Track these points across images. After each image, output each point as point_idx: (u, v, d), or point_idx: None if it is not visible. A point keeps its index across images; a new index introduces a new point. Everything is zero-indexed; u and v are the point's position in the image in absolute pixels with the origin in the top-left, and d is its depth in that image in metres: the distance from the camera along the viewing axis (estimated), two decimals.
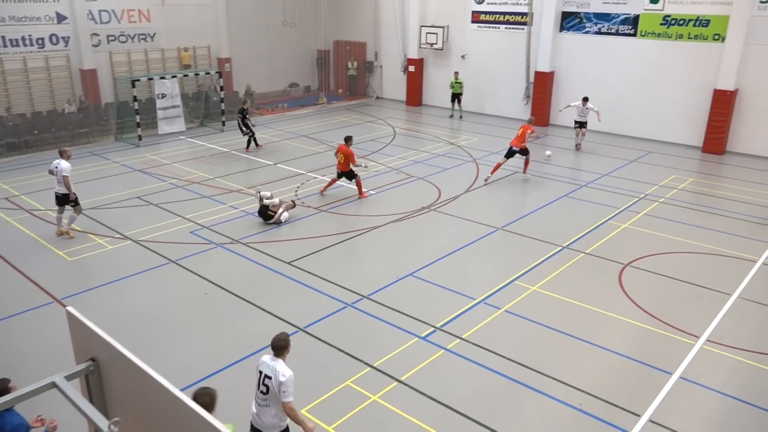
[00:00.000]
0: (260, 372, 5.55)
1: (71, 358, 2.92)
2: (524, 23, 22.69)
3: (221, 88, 21.85)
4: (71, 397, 2.57)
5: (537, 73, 22.50)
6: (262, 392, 5.51)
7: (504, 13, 23.42)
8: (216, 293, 9.97)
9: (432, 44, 25.02)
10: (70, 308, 2.88)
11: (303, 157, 18.15)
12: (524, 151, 15.89)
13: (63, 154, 11.76)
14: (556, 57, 22.33)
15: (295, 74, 28.67)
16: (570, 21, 21.79)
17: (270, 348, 5.65)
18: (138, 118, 19.51)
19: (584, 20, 21.46)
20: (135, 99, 19.39)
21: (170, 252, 11.47)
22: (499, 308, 9.57)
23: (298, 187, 15.27)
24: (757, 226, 13.09)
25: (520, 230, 12.72)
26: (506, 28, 23.46)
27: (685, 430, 6.93)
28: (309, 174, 16.44)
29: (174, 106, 21.03)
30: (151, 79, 20.77)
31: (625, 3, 20.44)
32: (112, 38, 22.09)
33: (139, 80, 19.92)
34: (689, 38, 19.42)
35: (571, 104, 19.38)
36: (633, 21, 20.40)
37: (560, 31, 22.04)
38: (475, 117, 24.10)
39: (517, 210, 13.73)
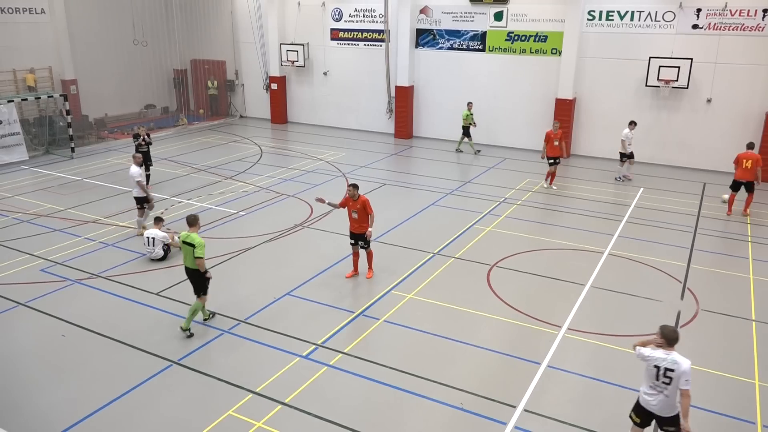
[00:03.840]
0: (656, 367, 6.14)
1: None
2: (381, 40, 23.42)
3: (68, 112, 20.29)
4: None
5: (397, 88, 23.27)
6: (664, 383, 6.13)
7: (361, 31, 24.01)
8: (75, 334, 9.16)
9: (293, 61, 25.02)
10: None
11: (165, 182, 17.27)
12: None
13: (134, 160, 13.19)
14: (414, 72, 23.26)
15: (150, 95, 27.24)
16: (424, 37, 22.83)
17: (665, 342, 6.09)
18: None
19: (437, 37, 22.58)
20: None
21: (18, 294, 10.37)
22: (378, 319, 9.70)
23: (162, 213, 14.50)
24: (602, 221, 14.45)
25: (392, 241, 13.02)
26: (365, 45, 24.06)
27: (555, 414, 7.45)
28: (173, 199, 15.68)
29: (13, 134, 19.24)
30: None
31: (472, 20, 21.80)
32: None
33: None
34: (531, 52, 21.13)
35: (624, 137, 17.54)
36: (481, 37, 21.81)
37: (416, 47, 23.00)
38: (341, 132, 24.40)
39: (388, 221, 14.04)
